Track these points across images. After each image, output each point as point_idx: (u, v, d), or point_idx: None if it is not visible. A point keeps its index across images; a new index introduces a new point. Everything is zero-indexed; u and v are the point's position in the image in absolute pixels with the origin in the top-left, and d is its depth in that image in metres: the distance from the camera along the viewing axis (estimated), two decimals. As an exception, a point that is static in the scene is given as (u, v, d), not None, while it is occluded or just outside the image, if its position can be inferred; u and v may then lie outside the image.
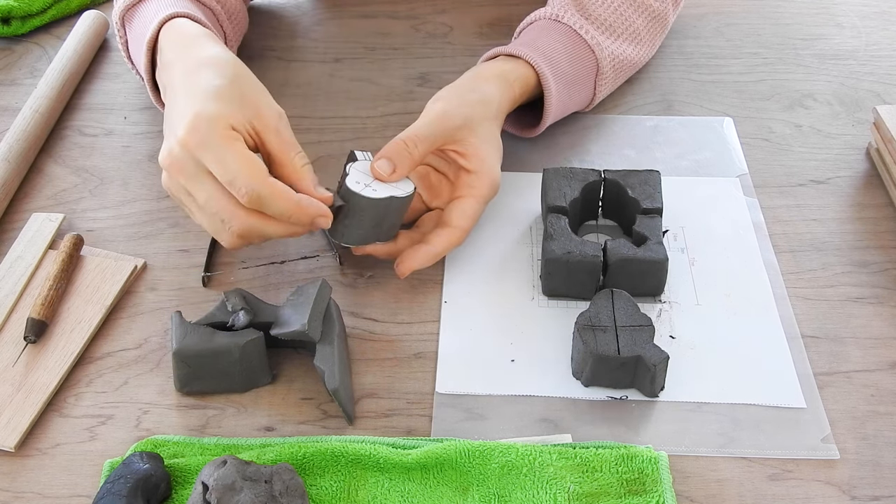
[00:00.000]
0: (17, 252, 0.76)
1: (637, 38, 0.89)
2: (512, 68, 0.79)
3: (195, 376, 0.65)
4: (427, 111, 0.74)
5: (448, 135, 0.72)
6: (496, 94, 0.76)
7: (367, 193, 0.67)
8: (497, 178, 0.74)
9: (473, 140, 0.73)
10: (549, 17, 0.84)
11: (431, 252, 0.71)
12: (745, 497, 0.60)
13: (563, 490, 0.58)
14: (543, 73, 0.79)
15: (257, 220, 0.64)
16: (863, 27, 1.02)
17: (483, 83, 0.77)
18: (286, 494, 0.56)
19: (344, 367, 0.66)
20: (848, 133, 0.88)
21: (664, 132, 0.88)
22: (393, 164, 0.68)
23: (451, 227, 0.72)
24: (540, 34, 0.83)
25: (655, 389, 0.65)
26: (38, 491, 0.61)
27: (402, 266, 0.71)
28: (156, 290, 0.74)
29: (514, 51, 0.80)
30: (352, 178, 0.68)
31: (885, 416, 0.65)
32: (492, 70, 0.79)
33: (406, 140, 0.70)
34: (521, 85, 0.79)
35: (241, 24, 0.92)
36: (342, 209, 0.67)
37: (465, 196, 0.73)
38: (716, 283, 0.73)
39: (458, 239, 0.72)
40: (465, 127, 0.73)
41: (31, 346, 0.69)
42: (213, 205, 0.64)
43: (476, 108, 0.74)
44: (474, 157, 0.73)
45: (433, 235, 0.72)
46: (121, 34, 0.83)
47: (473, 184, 0.73)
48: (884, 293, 0.73)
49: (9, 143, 0.84)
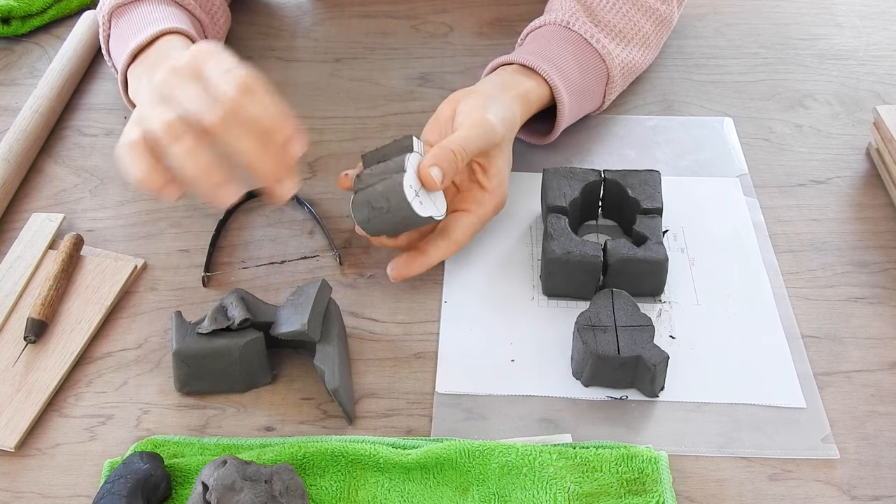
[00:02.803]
0: (17, 252, 0.76)
1: (646, 43, 0.88)
2: (533, 87, 0.79)
3: (195, 376, 0.65)
4: (477, 121, 0.72)
5: (486, 150, 0.72)
6: (518, 116, 0.77)
7: (415, 206, 0.65)
8: (505, 201, 0.75)
9: (499, 160, 0.73)
10: (560, 23, 0.84)
11: (426, 263, 0.71)
12: (745, 497, 0.60)
13: (563, 490, 0.58)
14: (557, 88, 0.79)
15: (239, 114, 0.58)
16: (863, 27, 1.02)
17: (511, 102, 0.76)
18: (286, 494, 0.56)
19: (344, 367, 0.66)
20: (848, 133, 0.88)
21: (664, 132, 0.88)
22: (443, 175, 0.67)
23: (450, 239, 0.72)
24: (550, 42, 0.82)
25: (655, 389, 0.65)
26: (38, 491, 0.61)
27: (396, 273, 0.71)
28: (156, 290, 0.74)
29: (530, 63, 0.79)
30: (407, 182, 0.66)
31: (885, 416, 0.65)
32: (517, 87, 0.78)
33: (455, 151, 0.68)
34: (537, 105, 0.80)
35: (224, 26, 0.93)
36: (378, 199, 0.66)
37: (471, 212, 0.72)
38: (716, 283, 0.73)
39: (453, 252, 0.72)
40: (499, 147, 0.73)
41: (31, 346, 0.69)
42: (199, 100, 0.58)
43: (507, 127, 0.74)
44: (494, 177, 0.73)
45: (431, 246, 0.71)
46: (105, 28, 0.84)
47: (484, 202, 0.73)
48: (884, 293, 0.73)
49: (9, 143, 0.84)
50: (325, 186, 0.83)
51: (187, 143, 0.57)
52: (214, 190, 0.58)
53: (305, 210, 0.81)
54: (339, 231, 0.79)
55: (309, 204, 0.80)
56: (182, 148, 0.58)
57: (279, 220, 0.80)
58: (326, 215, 0.80)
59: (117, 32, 0.82)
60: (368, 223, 0.68)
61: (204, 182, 0.58)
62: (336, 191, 0.82)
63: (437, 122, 0.75)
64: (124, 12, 0.82)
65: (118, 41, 0.82)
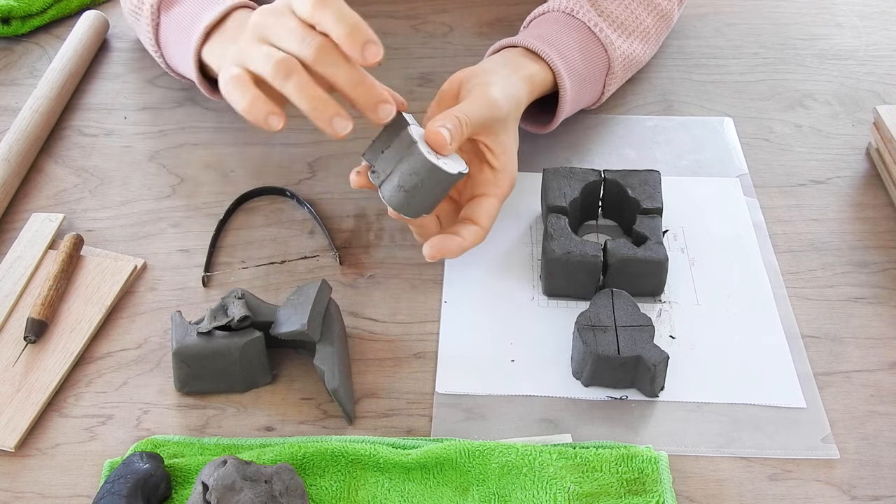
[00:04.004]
0: (17, 252, 0.76)
1: (646, 37, 0.89)
2: (537, 71, 0.78)
3: (195, 376, 0.65)
4: (480, 95, 0.71)
5: (489, 125, 0.71)
6: (524, 96, 0.76)
7: (444, 167, 0.64)
8: (516, 177, 0.73)
9: (505, 138, 0.72)
10: (564, 10, 0.84)
11: (463, 246, 0.69)
12: (745, 497, 0.60)
13: (563, 490, 0.58)
14: (560, 73, 0.79)
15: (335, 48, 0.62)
16: (863, 27, 1.02)
17: (518, 82, 0.76)
18: (286, 494, 0.56)
19: (344, 367, 0.66)
20: (848, 133, 0.88)
21: (664, 132, 0.88)
22: (450, 135, 0.66)
23: (478, 226, 0.70)
24: (553, 28, 0.83)
25: (655, 389, 0.65)
26: (38, 491, 0.61)
27: (434, 251, 0.68)
28: (156, 290, 0.74)
29: (534, 47, 0.79)
30: (424, 150, 0.64)
31: (885, 416, 0.65)
32: (522, 70, 0.77)
33: (459, 117, 0.67)
34: (541, 89, 0.79)
35: None
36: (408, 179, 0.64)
37: (490, 195, 0.71)
38: (716, 283, 0.73)
39: (483, 238, 0.71)
40: (504, 123, 0.72)
41: (31, 346, 0.69)
42: (294, 37, 0.62)
43: (513, 106, 0.73)
44: (502, 155, 0.72)
45: (463, 230, 0.69)
46: (153, 17, 0.84)
47: (498, 182, 0.71)
48: (884, 293, 0.73)
49: (9, 143, 0.84)
50: (325, 186, 0.83)
51: (297, 78, 0.61)
52: (330, 121, 0.62)
53: (305, 210, 0.81)
54: (339, 231, 0.79)
55: (309, 204, 0.80)
56: (294, 84, 0.61)
57: (279, 220, 0.80)
58: (326, 215, 0.80)
59: (171, 19, 0.82)
60: (408, 206, 0.65)
61: (321, 114, 0.62)
62: (336, 191, 0.82)
63: (441, 100, 0.74)
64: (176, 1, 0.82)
65: (176, 27, 0.82)
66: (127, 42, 1.01)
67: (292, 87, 0.62)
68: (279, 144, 0.87)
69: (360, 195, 0.81)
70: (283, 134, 0.88)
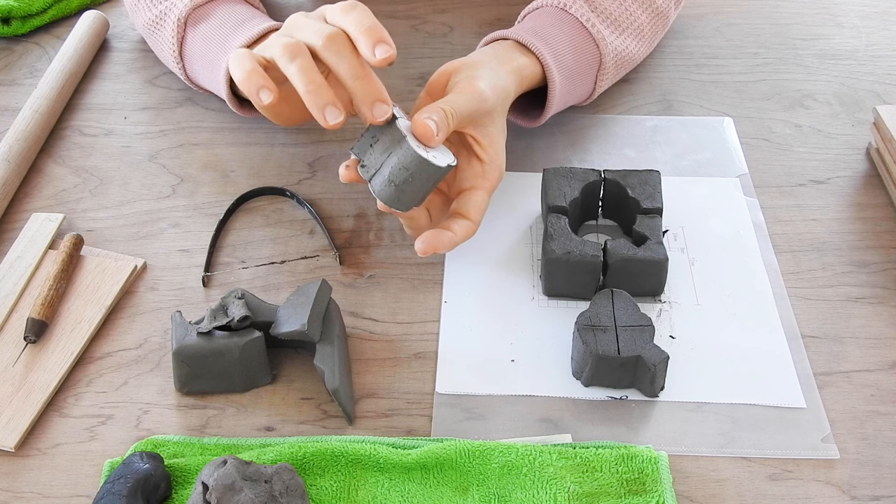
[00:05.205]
0: (17, 252, 0.76)
1: (640, 34, 0.89)
2: (527, 64, 0.79)
3: (195, 376, 0.65)
4: (466, 87, 0.71)
5: (476, 118, 0.71)
6: (512, 88, 0.76)
7: (433, 160, 0.64)
8: (503, 169, 0.73)
9: (492, 130, 0.72)
10: (558, 5, 0.84)
11: (454, 240, 0.69)
12: (745, 497, 0.60)
13: (563, 490, 0.58)
14: (549, 66, 0.79)
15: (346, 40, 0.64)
16: (863, 27, 1.02)
17: (506, 74, 0.76)
18: (286, 494, 0.56)
19: (344, 367, 0.66)
20: (848, 133, 0.88)
21: (664, 132, 0.88)
22: (437, 127, 0.66)
23: (468, 220, 0.70)
24: (546, 22, 0.83)
25: (655, 389, 0.65)
26: (38, 491, 0.61)
27: (426, 246, 0.68)
28: (156, 290, 0.74)
29: (524, 40, 0.79)
30: (413, 144, 0.65)
31: (885, 416, 0.65)
32: (511, 62, 0.78)
33: (445, 109, 0.68)
34: (529, 82, 0.79)
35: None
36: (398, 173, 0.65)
37: (478, 188, 0.71)
38: (716, 283, 0.73)
39: (473, 233, 0.71)
40: (490, 115, 0.72)
41: (31, 346, 0.69)
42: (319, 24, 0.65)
43: (500, 98, 0.73)
44: (490, 147, 0.72)
45: (454, 224, 0.70)
46: (179, 31, 0.84)
47: (486, 174, 0.71)
48: (884, 293, 0.73)
49: (9, 143, 0.84)
50: (325, 186, 0.83)
51: (301, 61, 0.63)
52: (323, 108, 0.63)
53: (305, 210, 0.81)
54: (339, 231, 0.79)
55: (309, 204, 0.80)
56: (297, 66, 0.63)
57: (279, 220, 0.80)
58: (326, 215, 0.80)
59: (198, 34, 0.83)
60: (399, 200, 0.66)
61: (316, 98, 0.63)
62: (336, 191, 0.82)
63: (429, 92, 0.74)
64: (204, 16, 0.83)
65: (203, 41, 0.82)
66: (127, 42, 1.01)
67: (295, 69, 0.63)
68: (279, 144, 0.87)
69: (360, 195, 0.81)
70: (283, 134, 0.88)
